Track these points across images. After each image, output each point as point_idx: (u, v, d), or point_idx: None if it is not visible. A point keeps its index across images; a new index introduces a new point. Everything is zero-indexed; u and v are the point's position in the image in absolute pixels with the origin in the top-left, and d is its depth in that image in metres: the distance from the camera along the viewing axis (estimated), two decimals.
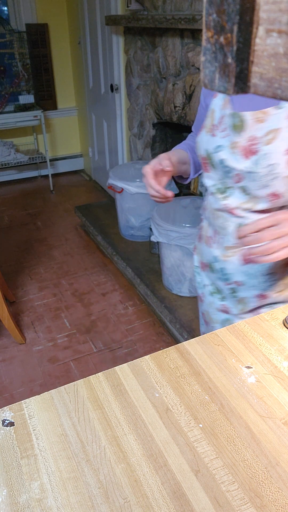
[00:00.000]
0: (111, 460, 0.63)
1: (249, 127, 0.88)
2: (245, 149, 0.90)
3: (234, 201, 0.97)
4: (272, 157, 0.87)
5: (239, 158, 0.92)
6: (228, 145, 0.93)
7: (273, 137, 0.86)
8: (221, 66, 0.25)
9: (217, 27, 0.24)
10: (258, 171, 0.89)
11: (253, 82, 0.25)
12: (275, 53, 0.23)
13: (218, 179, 1.00)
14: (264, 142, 0.87)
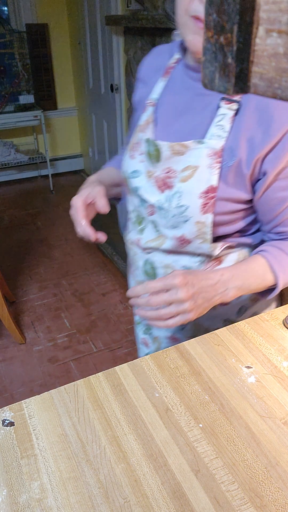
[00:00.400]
0: (111, 460, 0.63)
1: (166, 158, 0.80)
2: (160, 181, 0.82)
3: (145, 237, 0.89)
4: (185, 197, 0.78)
5: (154, 190, 0.83)
6: (145, 172, 0.85)
7: (190, 174, 0.77)
8: (221, 66, 0.25)
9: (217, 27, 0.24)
10: (169, 208, 0.80)
11: (253, 82, 0.25)
12: (275, 53, 0.23)
13: (135, 206, 0.91)
14: (180, 178, 0.79)
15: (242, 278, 0.78)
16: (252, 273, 0.79)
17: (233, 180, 0.77)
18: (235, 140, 0.74)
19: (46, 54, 3.72)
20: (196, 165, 0.76)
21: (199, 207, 0.78)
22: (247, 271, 0.79)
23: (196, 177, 0.77)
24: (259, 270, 0.80)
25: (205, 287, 0.74)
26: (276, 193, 0.77)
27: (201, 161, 0.76)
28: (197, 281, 0.73)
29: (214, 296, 0.75)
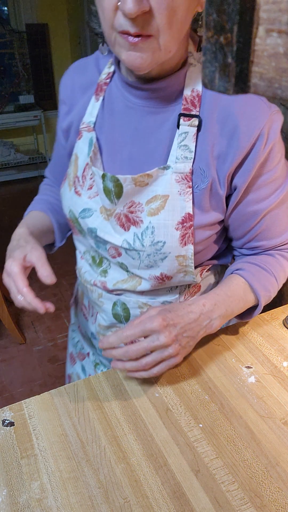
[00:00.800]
0: (111, 460, 0.63)
1: (128, 192, 0.70)
2: (124, 218, 0.72)
3: (112, 279, 0.79)
4: (160, 231, 0.69)
5: (116, 229, 0.73)
6: (99, 210, 0.74)
7: (161, 205, 0.68)
8: (221, 66, 0.25)
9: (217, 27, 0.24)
10: (141, 248, 0.70)
11: (253, 82, 0.25)
12: (275, 53, 0.23)
13: (90, 247, 0.80)
14: (147, 211, 0.69)
15: (224, 305, 0.72)
16: (234, 297, 0.74)
17: (208, 204, 0.70)
18: (204, 160, 0.67)
19: (46, 54, 3.72)
20: (165, 194, 0.68)
21: (177, 240, 0.69)
22: (229, 295, 0.73)
23: (168, 207, 0.68)
24: (240, 292, 0.75)
25: (188, 324, 0.67)
26: (248, 207, 0.73)
27: (170, 189, 0.68)
28: (178, 319, 0.66)
29: (199, 332, 0.69)
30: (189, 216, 0.69)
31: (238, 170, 0.68)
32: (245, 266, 0.78)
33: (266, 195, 0.72)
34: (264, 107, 0.65)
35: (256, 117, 0.64)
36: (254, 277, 0.76)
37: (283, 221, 0.77)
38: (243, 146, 0.65)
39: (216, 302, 0.71)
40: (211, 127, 0.66)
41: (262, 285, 0.76)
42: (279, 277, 0.79)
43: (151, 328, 0.64)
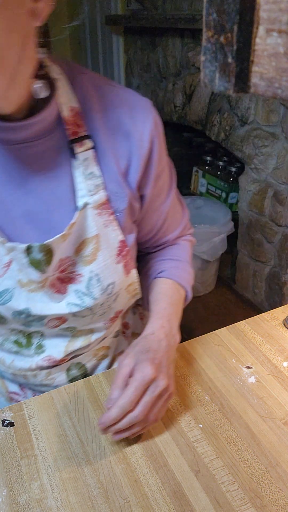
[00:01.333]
0: (111, 460, 0.63)
1: (55, 253, 0.61)
2: (58, 282, 0.63)
3: (55, 348, 0.71)
4: (105, 275, 0.63)
5: (53, 297, 0.64)
6: (17, 285, 0.62)
7: (95, 249, 0.62)
8: (221, 66, 0.25)
9: (217, 26, 0.24)
10: (92, 303, 0.64)
11: (253, 81, 0.25)
12: (275, 52, 0.23)
13: (10, 332, 0.70)
14: (82, 261, 0.62)
15: (175, 315, 0.72)
16: (176, 303, 0.74)
17: (130, 221, 0.67)
18: (114, 180, 0.61)
19: None
20: (95, 234, 0.61)
21: (122, 273, 0.65)
22: (172, 303, 0.73)
23: (103, 246, 0.62)
24: (176, 294, 0.76)
25: (166, 353, 0.64)
26: (155, 212, 0.72)
27: (96, 226, 0.61)
28: (159, 354, 0.62)
29: (173, 353, 0.68)
30: (123, 243, 0.65)
31: (143, 178, 0.64)
32: (164, 266, 0.78)
33: (166, 194, 0.72)
34: (147, 105, 0.63)
35: (145, 118, 0.62)
36: (176, 273, 0.78)
37: (178, 211, 0.79)
38: (143, 153, 0.61)
39: (169, 318, 0.70)
40: (106, 141, 0.60)
41: (184, 277, 0.78)
42: (190, 260, 0.83)
43: (149, 379, 0.59)
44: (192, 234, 0.87)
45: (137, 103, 0.63)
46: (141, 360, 0.60)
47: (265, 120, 1.70)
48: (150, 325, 0.68)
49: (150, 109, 0.63)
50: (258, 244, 1.93)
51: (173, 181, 0.75)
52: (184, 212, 0.82)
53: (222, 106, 1.93)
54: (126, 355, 0.62)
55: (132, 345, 0.64)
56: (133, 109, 0.61)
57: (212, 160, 2.54)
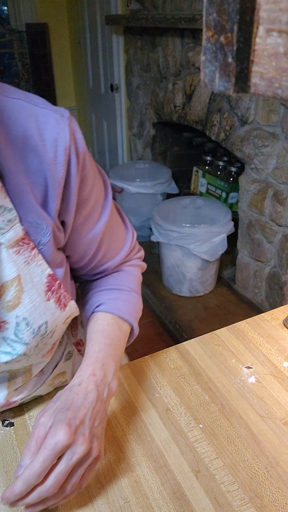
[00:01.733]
0: (111, 460, 0.63)
1: None
2: None
3: None
4: (34, 316, 0.56)
5: None
6: None
7: (17, 291, 0.54)
8: (221, 66, 0.25)
9: (217, 26, 0.24)
10: (26, 347, 0.57)
11: (253, 81, 0.25)
12: (276, 52, 0.23)
13: None
14: (5, 307, 0.54)
15: (111, 358, 0.62)
16: (114, 342, 0.64)
17: (56, 252, 0.59)
18: (30, 210, 0.53)
19: (46, 54, 3.72)
20: (15, 276, 0.54)
21: (56, 308, 0.59)
22: (109, 344, 0.63)
23: (27, 287, 0.55)
24: (116, 331, 0.66)
25: (93, 409, 0.55)
26: (83, 238, 0.63)
27: (16, 267, 0.53)
28: (81, 412, 0.54)
29: (105, 407, 0.58)
30: (52, 277, 0.57)
31: (63, 206, 0.56)
32: (103, 298, 0.68)
33: (96, 217, 0.63)
34: (58, 118, 0.53)
35: (58, 135, 0.52)
36: (118, 305, 0.68)
37: (118, 235, 0.69)
38: (58, 178, 0.53)
39: (103, 362, 0.60)
40: (14, 166, 0.51)
41: (127, 309, 0.68)
42: (137, 288, 0.73)
43: (61, 446, 0.50)
44: (142, 257, 0.78)
45: (46, 116, 0.52)
46: (57, 421, 0.51)
47: (265, 120, 1.70)
48: (79, 373, 0.59)
49: (63, 123, 0.52)
50: (258, 244, 1.93)
51: (108, 201, 0.65)
52: (128, 234, 0.72)
53: (222, 106, 1.93)
54: (43, 412, 0.54)
55: (54, 399, 0.56)
56: (41, 124, 0.52)
57: (212, 160, 2.54)
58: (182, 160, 2.89)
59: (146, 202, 2.59)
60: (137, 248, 0.76)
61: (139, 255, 0.77)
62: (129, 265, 0.74)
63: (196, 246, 1.96)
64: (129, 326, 0.69)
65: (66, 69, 3.91)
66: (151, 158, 2.82)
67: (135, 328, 0.70)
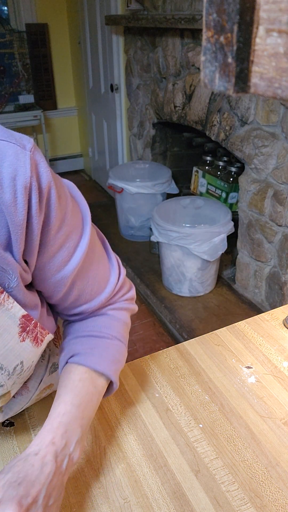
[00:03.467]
0: (111, 460, 0.63)
1: None
2: None
3: None
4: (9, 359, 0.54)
5: None
6: None
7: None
8: (221, 66, 0.25)
9: (217, 26, 0.24)
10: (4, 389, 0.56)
11: (253, 81, 0.25)
12: (275, 52, 0.23)
13: None
14: None
15: (77, 423, 0.55)
16: (84, 403, 0.57)
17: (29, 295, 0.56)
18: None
19: (46, 54, 3.72)
20: None
21: (32, 347, 0.57)
22: (77, 405, 0.56)
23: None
24: (88, 387, 0.58)
25: (48, 484, 0.49)
26: (51, 279, 0.57)
27: None
28: (35, 489, 0.48)
29: (63, 480, 0.52)
30: (26, 317, 0.54)
31: (26, 245, 0.51)
32: (78, 347, 0.61)
33: (66, 258, 0.56)
34: (18, 151, 0.47)
35: (16, 171, 0.47)
36: (94, 357, 0.60)
37: (98, 276, 0.61)
38: (19, 219, 0.48)
39: (66, 429, 0.54)
40: None
41: (106, 360, 0.61)
42: (122, 336, 0.64)
43: None
44: (133, 298, 0.69)
45: (4, 150, 0.47)
46: (7, 498, 0.46)
47: (265, 120, 1.70)
48: (37, 440, 0.53)
49: (23, 156, 0.47)
50: (258, 244, 1.93)
51: (84, 238, 0.57)
52: (112, 273, 0.64)
53: (222, 106, 1.93)
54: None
55: (6, 468, 0.50)
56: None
57: (212, 160, 2.54)
58: (182, 160, 2.89)
59: (146, 202, 2.59)
60: (126, 288, 0.67)
61: (129, 295, 0.68)
62: (114, 308, 0.65)
63: (196, 246, 1.96)
64: (106, 381, 0.61)
65: (66, 69, 3.91)
66: (151, 158, 2.82)
67: (115, 382, 0.62)
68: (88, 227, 0.58)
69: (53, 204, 0.51)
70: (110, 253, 0.66)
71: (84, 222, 0.58)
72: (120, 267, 0.66)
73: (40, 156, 0.50)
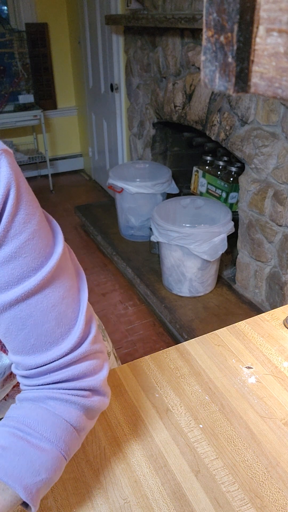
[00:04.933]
0: (111, 460, 0.63)
1: None
2: None
3: None
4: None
5: None
6: None
7: None
8: (221, 66, 0.25)
9: (218, 26, 0.24)
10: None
11: (254, 81, 0.25)
12: (276, 52, 0.23)
13: None
14: None
15: None
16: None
17: None
18: None
19: (46, 53, 3.72)
20: None
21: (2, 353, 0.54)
22: None
23: None
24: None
25: None
26: None
27: None
28: None
29: None
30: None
31: None
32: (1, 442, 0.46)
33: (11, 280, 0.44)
34: None
35: None
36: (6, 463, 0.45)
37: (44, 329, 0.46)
38: None
39: None
40: None
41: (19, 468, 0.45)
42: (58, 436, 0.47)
43: None
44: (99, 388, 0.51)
45: None
46: None
47: (265, 120, 1.70)
48: None
49: None
50: (258, 244, 1.93)
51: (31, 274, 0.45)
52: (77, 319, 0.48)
53: (222, 106, 1.93)
54: None
55: None
56: None
57: (212, 160, 2.54)
58: (182, 160, 2.89)
59: (146, 202, 2.59)
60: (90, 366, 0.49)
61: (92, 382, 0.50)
62: (59, 398, 0.48)
63: (196, 246, 1.96)
64: (13, 496, 0.44)
65: (66, 69, 3.91)
66: (151, 158, 2.82)
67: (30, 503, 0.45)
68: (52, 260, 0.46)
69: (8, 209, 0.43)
70: (82, 300, 0.49)
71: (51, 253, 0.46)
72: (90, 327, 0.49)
73: (9, 158, 0.43)
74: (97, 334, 0.50)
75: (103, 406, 0.52)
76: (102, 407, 0.51)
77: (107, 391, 0.53)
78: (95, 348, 0.50)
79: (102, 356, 0.52)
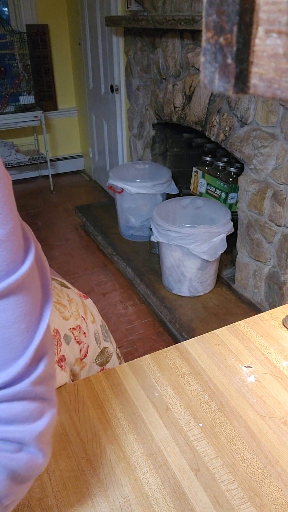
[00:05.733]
0: (111, 459, 0.63)
1: None
2: None
3: None
4: None
5: None
6: None
7: None
8: (221, 67, 0.25)
9: (217, 27, 0.24)
10: None
11: (253, 82, 0.25)
12: (275, 53, 0.23)
13: None
14: None
15: None
16: None
17: None
18: None
19: (46, 54, 3.72)
20: None
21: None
22: None
23: None
24: None
25: None
26: None
27: None
28: None
29: None
30: None
31: None
32: None
33: None
34: None
35: None
36: None
37: (12, 340, 0.39)
38: None
39: None
40: None
41: None
42: None
43: None
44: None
45: None
46: None
47: (265, 121, 1.70)
48: None
49: None
50: (257, 244, 1.93)
51: None
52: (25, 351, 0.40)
53: (221, 107, 1.93)
54: None
55: None
56: None
57: (211, 160, 2.54)
58: (182, 160, 2.90)
59: (146, 203, 2.59)
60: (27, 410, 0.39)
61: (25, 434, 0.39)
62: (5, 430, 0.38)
63: (196, 246, 1.96)
64: None
65: (66, 70, 3.91)
66: (151, 159, 2.82)
67: None
68: None
69: None
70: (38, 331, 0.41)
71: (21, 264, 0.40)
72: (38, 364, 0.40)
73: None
74: (46, 376, 0.41)
75: (35, 469, 0.39)
76: (33, 469, 0.39)
77: (44, 448, 0.40)
78: (38, 390, 0.40)
79: (46, 404, 0.41)
